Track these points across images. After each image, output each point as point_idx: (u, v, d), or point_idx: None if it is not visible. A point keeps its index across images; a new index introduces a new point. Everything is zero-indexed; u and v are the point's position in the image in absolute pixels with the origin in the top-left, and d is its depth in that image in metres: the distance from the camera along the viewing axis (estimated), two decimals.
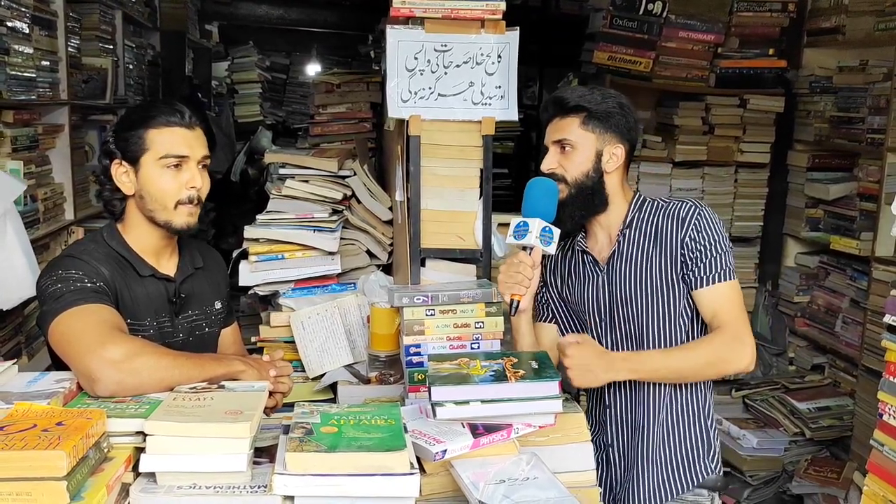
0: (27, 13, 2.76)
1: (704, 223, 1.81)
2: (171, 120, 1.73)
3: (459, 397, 1.43)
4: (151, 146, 1.71)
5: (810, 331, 3.85)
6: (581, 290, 1.96)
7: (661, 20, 3.75)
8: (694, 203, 1.85)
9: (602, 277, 1.91)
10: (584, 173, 1.85)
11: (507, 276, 1.79)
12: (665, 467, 1.91)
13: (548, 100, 1.95)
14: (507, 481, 1.33)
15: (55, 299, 1.58)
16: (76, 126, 3.35)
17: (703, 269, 1.80)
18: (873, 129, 3.40)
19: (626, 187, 1.93)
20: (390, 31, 2.08)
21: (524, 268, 1.77)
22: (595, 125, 1.85)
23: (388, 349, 2.16)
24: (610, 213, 1.90)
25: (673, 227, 1.84)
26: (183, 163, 1.73)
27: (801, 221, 3.92)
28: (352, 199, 2.84)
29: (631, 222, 1.89)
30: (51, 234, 3.03)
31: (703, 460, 1.93)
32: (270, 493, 1.26)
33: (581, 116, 1.85)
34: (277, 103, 7.25)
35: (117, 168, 1.74)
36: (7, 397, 1.39)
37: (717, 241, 1.81)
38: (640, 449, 1.91)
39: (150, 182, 1.72)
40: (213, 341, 1.94)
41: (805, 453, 3.53)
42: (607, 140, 1.86)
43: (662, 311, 1.85)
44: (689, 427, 1.92)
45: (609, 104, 1.86)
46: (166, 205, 1.73)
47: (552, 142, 1.89)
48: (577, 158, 1.85)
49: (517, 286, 1.78)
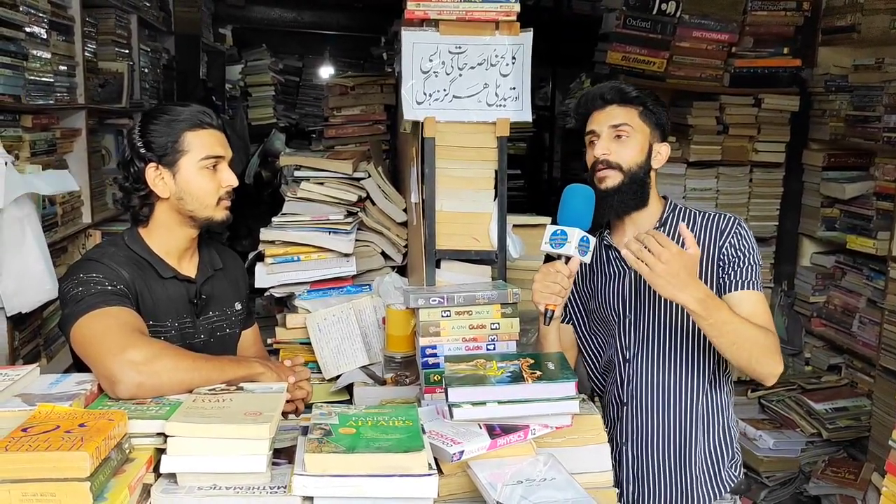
0: (45, 18, 2.78)
1: (744, 235, 1.84)
2: (204, 122, 1.76)
3: (476, 398, 1.44)
4: (191, 149, 1.74)
5: (827, 331, 3.83)
6: (605, 286, 1.95)
7: (674, 20, 3.74)
8: (735, 217, 1.87)
9: (629, 273, 1.89)
10: (639, 164, 1.85)
11: (543, 285, 1.75)
12: (684, 473, 1.89)
13: (603, 87, 1.91)
14: (524, 482, 1.34)
15: (76, 302, 1.60)
16: (93, 130, 3.37)
17: (739, 273, 1.81)
18: (889, 127, 3.38)
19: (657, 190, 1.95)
20: (405, 34, 2.09)
21: (561, 278, 1.74)
22: (650, 120, 1.87)
23: (403, 350, 2.17)
24: (645, 212, 1.89)
25: (712, 235, 1.84)
26: (219, 162, 1.78)
27: (817, 221, 3.90)
28: (366, 201, 2.85)
29: (665, 221, 1.88)
30: (68, 237, 3.05)
31: (726, 468, 1.92)
32: (290, 493, 1.27)
33: (640, 108, 1.87)
34: (291, 106, 7.27)
35: (152, 172, 1.75)
36: (30, 399, 1.40)
37: (752, 255, 1.83)
38: (657, 450, 1.90)
39: (191, 183, 1.75)
40: (233, 342, 1.96)
41: (822, 454, 3.51)
42: (657, 137, 1.88)
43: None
44: (711, 432, 1.90)
45: (660, 105, 1.89)
46: (208, 203, 1.77)
47: (609, 126, 1.86)
48: (634, 146, 1.85)
49: (553, 296, 1.75)
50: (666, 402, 1.89)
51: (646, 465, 1.92)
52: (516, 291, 1.91)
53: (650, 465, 1.91)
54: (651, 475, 1.91)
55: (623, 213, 1.88)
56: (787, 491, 3.50)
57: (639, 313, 1.89)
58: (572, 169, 5.49)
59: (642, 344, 1.90)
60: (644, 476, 1.92)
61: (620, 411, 1.95)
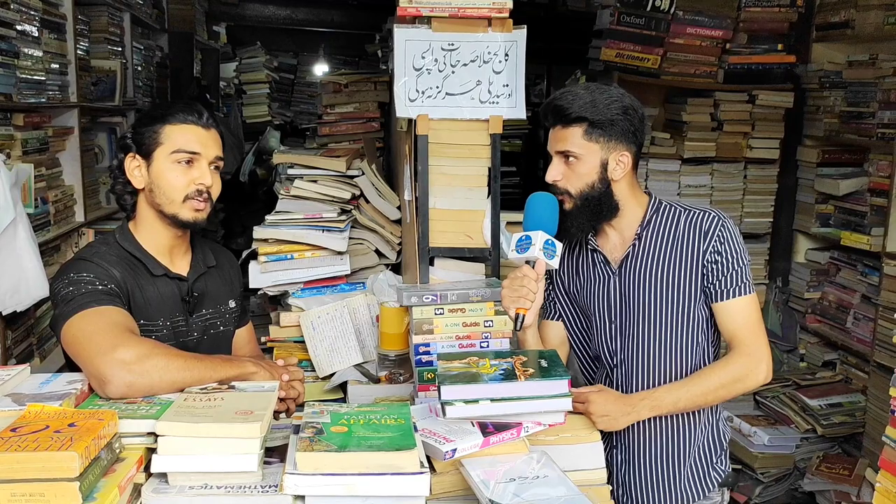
0: (36, 16, 2.77)
1: (727, 236, 1.79)
2: (187, 118, 1.76)
3: (469, 396, 1.43)
4: (165, 141, 1.74)
5: (821, 327, 3.84)
6: (591, 289, 1.93)
7: (668, 16, 3.74)
8: (717, 214, 1.82)
9: (614, 279, 1.88)
10: (590, 185, 1.79)
11: (511, 290, 1.73)
12: (674, 473, 1.89)
13: (547, 105, 1.83)
14: (517, 480, 1.34)
15: (67, 302, 1.59)
16: (86, 128, 3.36)
17: (725, 282, 1.78)
18: (883, 123, 3.39)
19: (638, 188, 1.88)
20: (397, 31, 2.08)
21: (528, 281, 1.71)
22: (598, 135, 1.77)
23: (397, 348, 2.16)
24: (622, 217, 1.85)
25: (695, 238, 1.81)
26: (194, 160, 1.75)
27: (812, 217, 3.91)
28: (360, 199, 2.84)
29: (648, 225, 1.85)
30: (61, 236, 3.05)
31: (717, 462, 1.92)
32: (281, 492, 1.26)
33: (583, 127, 1.77)
34: (285, 103, 7.27)
35: (130, 161, 1.76)
36: (20, 399, 1.39)
37: (738, 255, 1.79)
38: (647, 451, 1.89)
39: (160, 175, 1.74)
40: (227, 341, 1.95)
41: (817, 450, 3.51)
42: (612, 148, 1.78)
43: (677, 317, 1.83)
44: (701, 432, 1.90)
45: (612, 111, 1.77)
46: (174, 198, 1.74)
47: (556, 152, 1.82)
48: (581, 170, 1.79)
49: (522, 300, 1.72)
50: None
51: (635, 466, 1.91)
52: None
53: (639, 466, 1.90)
54: (641, 476, 1.90)
55: (588, 228, 1.85)
56: (782, 487, 3.51)
57: (625, 318, 1.88)
58: None
59: (629, 349, 1.88)
60: (633, 477, 1.91)
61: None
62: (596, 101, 1.76)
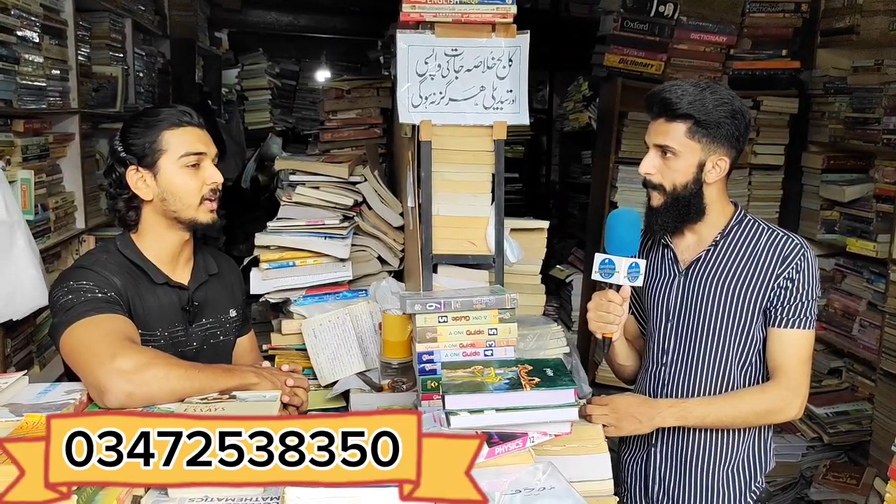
0: (37, 22, 2.76)
1: (805, 266, 1.76)
2: (183, 120, 1.74)
3: (474, 406, 1.41)
4: (168, 147, 1.72)
5: (827, 334, 3.81)
6: (654, 283, 1.90)
7: (672, 22, 3.73)
8: (802, 243, 1.79)
9: (679, 279, 1.86)
10: (683, 184, 1.77)
11: (597, 314, 1.74)
12: (714, 481, 1.85)
13: (654, 96, 1.80)
14: (522, 491, 1.31)
15: (66, 311, 1.57)
16: (87, 135, 3.35)
17: (789, 309, 1.76)
18: (889, 129, 3.37)
19: (726, 196, 1.86)
20: (400, 37, 2.07)
21: (614, 307, 1.72)
22: (702, 135, 1.75)
23: (400, 356, 2.14)
24: (705, 222, 1.83)
25: (773, 258, 1.78)
26: (201, 160, 1.75)
27: (817, 224, 3.88)
28: (363, 206, 2.83)
29: (728, 234, 1.83)
30: (62, 242, 3.03)
31: (758, 483, 1.88)
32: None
33: (688, 124, 1.75)
34: (287, 110, 7.27)
35: (133, 175, 1.73)
36: (17, 409, 1.38)
37: (810, 288, 1.76)
38: (689, 455, 1.86)
39: (172, 182, 1.72)
40: (227, 350, 1.93)
41: (823, 458, 3.49)
42: (713, 150, 1.76)
43: (734, 331, 1.81)
44: (745, 443, 1.86)
45: (720, 113, 1.74)
46: (190, 203, 1.74)
47: (654, 144, 1.80)
48: (677, 167, 1.76)
49: (609, 326, 1.73)
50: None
51: (675, 469, 1.88)
52: (514, 296, 1.88)
53: (680, 469, 1.87)
54: (679, 479, 1.88)
55: (672, 229, 1.83)
56: (789, 496, 3.48)
57: (682, 320, 1.85)
58: (571, 172, 5.48)
59: (681, 350, 1.86)
60: (677, 482, 1.88)
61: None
62: (705, 100, 1.74)
